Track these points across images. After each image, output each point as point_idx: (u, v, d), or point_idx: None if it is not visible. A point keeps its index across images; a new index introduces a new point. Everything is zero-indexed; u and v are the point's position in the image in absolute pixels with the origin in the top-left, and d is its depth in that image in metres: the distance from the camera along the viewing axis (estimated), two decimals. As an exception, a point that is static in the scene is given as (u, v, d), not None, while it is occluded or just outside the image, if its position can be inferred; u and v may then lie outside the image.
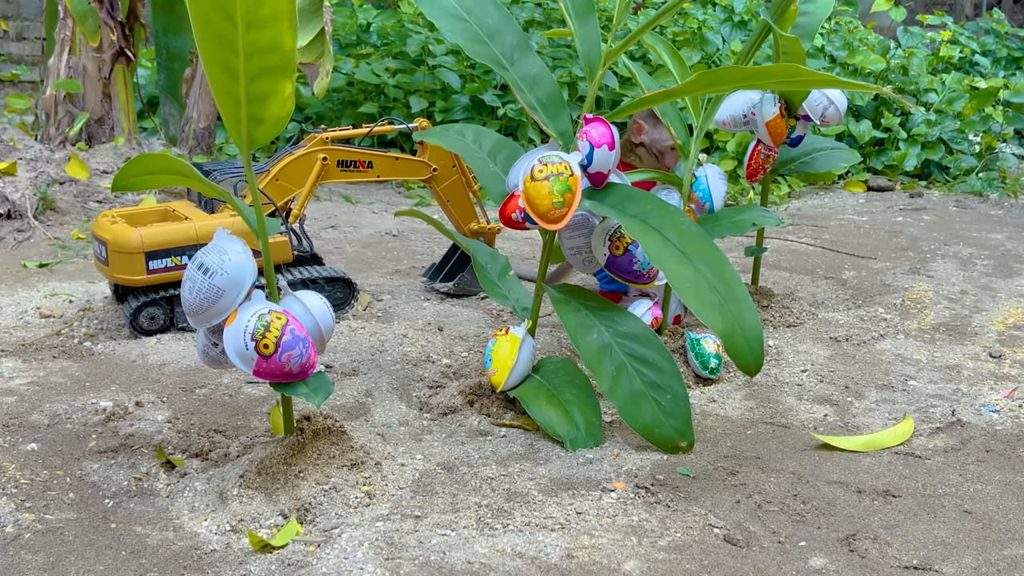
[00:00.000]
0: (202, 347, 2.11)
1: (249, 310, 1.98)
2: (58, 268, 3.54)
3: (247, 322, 1.96)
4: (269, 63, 1.83)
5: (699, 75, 2.23)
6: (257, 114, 1.89)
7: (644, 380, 2.34)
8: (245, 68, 1.82)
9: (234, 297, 1.98)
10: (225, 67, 1.82)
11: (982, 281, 3.70)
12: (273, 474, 2.06)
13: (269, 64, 1.83)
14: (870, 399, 2.68)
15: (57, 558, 1.84)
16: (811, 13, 3.12)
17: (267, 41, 1.80)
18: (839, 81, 2.16)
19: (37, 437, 2.29)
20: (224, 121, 1.92)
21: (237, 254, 1.98)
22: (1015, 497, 2.16)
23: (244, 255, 1.99)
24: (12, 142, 4.35)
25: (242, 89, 1.85)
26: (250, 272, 2.00)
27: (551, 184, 2.25)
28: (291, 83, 1.88)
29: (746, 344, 2.16)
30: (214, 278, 1.97)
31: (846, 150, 3.39)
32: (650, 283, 2.56)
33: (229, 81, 1.84)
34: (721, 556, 1.91)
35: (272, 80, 1.86)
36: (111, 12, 4.63)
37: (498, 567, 1.84)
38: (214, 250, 1.99)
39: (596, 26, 2.47)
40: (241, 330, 1.96)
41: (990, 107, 5.77)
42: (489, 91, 5.43)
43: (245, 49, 1.80)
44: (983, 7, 8.72)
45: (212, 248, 2.00)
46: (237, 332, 1.97)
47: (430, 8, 2.48)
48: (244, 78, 1.84)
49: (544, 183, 2.25)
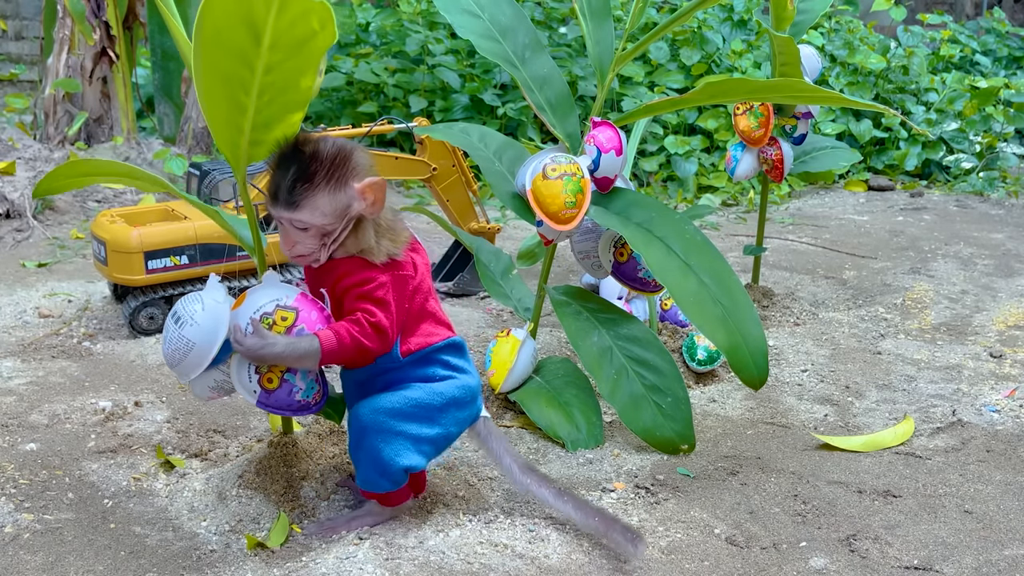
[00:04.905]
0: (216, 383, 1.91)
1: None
2: (57, 268, 3.53)
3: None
4: (282, 99, 1.73)
5: (706, 85, 2.22)
6: (259, 138, 1.79)
7: (644, 383, 2.33)
8: (256, 104, 1.72)
9: (207, 350, 1.78)
10: (233, 103, 1.72)
11: (983, 281, 3.69)
12: (272, 474, 2.06)
13: (281, 100, 1.73)
14: (870, 399, 2.68)
15: (56, 558, 1.83)
16: (808, 11, 3.11)
17: (284, 83, 1.71)
18: (842, 99, 2.12)
19: (36, 437, 2.29)
20: (216, 140, 1.81)
21: (212, 304, 1.79)
22: (1016, 497, 2.16)
23: (220, 305, 1.80)
24: (11, 141, 4.35)
25: (248, 121, 1.75)
26: (224, 325, 1.79)
27: (564, 183, 2.21)
28: (302, 113, 1.78)
29: (750, 358, 2.15)
30: (184, 328, 1.78)
31: (846, 149, 3.39)
32: (656, 291, 2.54)
33: (233, 112, 1.73)
34: (721, 556, 1.91)
35: (282, 112, 1.76)
36: (96, 11, 4.62)
37: (498, 567, 1.84)
38: (191, 299, 1.81)
39: (611, 28, 2.46)
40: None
41: (991, 106, 5.77)
42: (489, 90, 5.43)
43: (259, 89, 1.70)
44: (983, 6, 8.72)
45: (190, 297, 1.82)
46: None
47: (444, 3, 2.47)
48: (252, 112, 1.74)
49: (557, 182, 2.22)
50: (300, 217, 1.72)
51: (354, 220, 1.76)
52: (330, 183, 1.72)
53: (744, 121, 3.11)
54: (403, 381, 1.85)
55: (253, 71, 1.67)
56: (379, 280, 1.77)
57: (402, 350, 1.83)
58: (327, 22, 1.63)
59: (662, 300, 2.99)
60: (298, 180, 1.71)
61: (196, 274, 2.90)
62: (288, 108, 1.75)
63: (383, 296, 1.76)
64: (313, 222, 1.72)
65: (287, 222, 1.74)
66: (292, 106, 1.75)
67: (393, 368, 1.84)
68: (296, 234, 1.75)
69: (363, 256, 1.78)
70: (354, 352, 1.75)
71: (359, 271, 1.77)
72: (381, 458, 1.82)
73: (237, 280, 2.98)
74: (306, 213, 1.72)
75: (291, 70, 1.69)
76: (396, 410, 1.82)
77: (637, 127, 3.42)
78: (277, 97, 1.72)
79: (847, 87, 5.74)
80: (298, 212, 1.72)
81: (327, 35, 1.64)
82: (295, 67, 1.69)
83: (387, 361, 1.83)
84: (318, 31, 1.64)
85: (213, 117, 1.76)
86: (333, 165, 1.73)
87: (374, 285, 1.76)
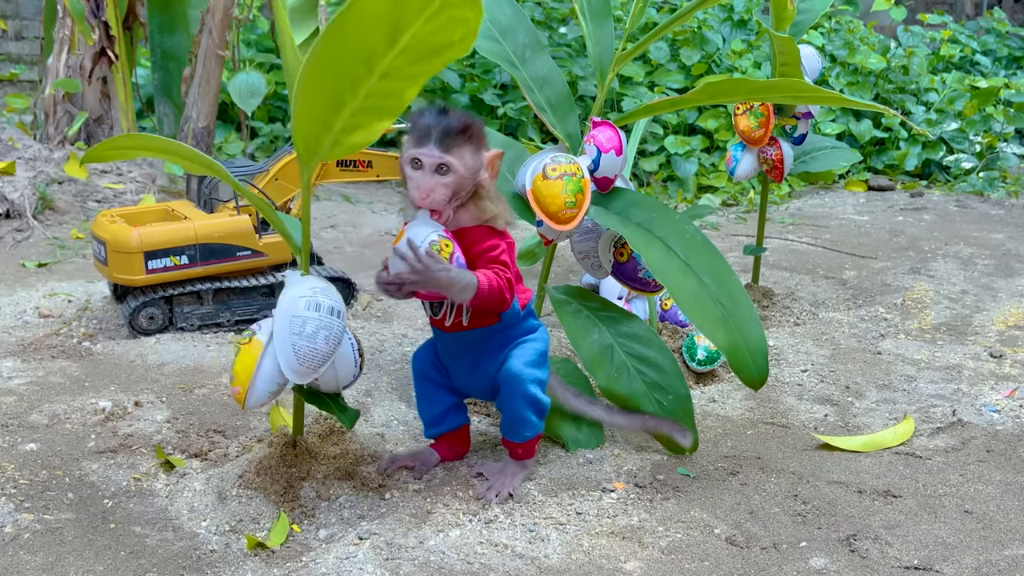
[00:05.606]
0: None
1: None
2: (57, 268, 3.53)
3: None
4: (382, 105, 1.71)
5: (706, 85, 2.22)
6: (340, 140, 1.78)
7: (645, 380, 2.33)
8: (356, 106, 1.70)
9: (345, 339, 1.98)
10: (333, 101, 1.69)
11: (983, 281, 3.69)
12: (272, 474, 2.06)
13: (380, 106, 1.71)
14: (870, 399, 2.68)
15: (56, 558, 1.83)
16: (808, 11, 3.12)
17: (392, 91, 1.67)
18: (842, 99, 2.12)
19: (36, 437, 2.29)
20: (296, 130, 1.77)
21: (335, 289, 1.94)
22: (1016, 497, 2.16)
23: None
24: (11, 141, 4.35)
25: (341, 121, 1.73)
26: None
27: (564, 183, 2.22)
28: (389, 123, 1.76)
29: (750, 359, 2.15)
30: (342, 317, 1.91)
31: (846, 149, 3.39)
32: (656, 291, 2.54)
33: (329, 112, 1.71)
34: (721, 556, 1.91)
35: (375, 118, 1.74)
36: (95, 11, 4.62)
37: (498, 567, 1.84)
38: (325, 291, 1.91)
39: (611, 28, 2.46)
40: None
41: (991, 106, 5.77)
42: (489, 90, 5.43)
43: (367, 91, 1.67)
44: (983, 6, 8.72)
45: (321, 290, 1.90)
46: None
47: None
48: (348, 113, 1.72)
49: (558, 182, 2.22)
50: (449, 160, 1.91)
51: (475, 186, 1.98)
52: (473, 141, 1.94)
53: (744, 121, 3.11)
54: (514, 337, 2.11)
55: (371, 72, 1.63)
56: (502, 246, 2.02)
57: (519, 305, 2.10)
58: (469, 35, 1.56)
59: (662, 300, 3.00)
60: (453, 128, 1.91)
61: (196, 274, 2.90)
62: (381, 115, 1.73)
63: (506, 259, 2.02)
64: (457, 169, 1.92)
65: (431, 167, 1.91)
66: (386, 114, 1.73)
67: (511, 324, 2.09)
68: (434, 181, 1.92)
69: (489, 224, 2.02)
70: (496, 297, 1.98)
71: (487, 238, 2.01)
72: (538, 400, 2.09)
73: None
74: (455, 158, 1.91)
75: (407, 78, 1.65)
76: (533, 361, 2.09)
77: (637, 127, 3.42)
78: (379, 102, 1.70)
79: (847, 87, 5.74)
80: (448, 155, 1.91)
81: (462, 47, 1.58)
82: (412, 75, 1.65)
83: (510, 317, 2.08)
84: (455, 42, 1.58)
85: (304, 109, 1.72)
86: (476, 127, 1.97)
87: (499, 251, 2.01)
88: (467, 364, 2.12)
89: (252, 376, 1.91)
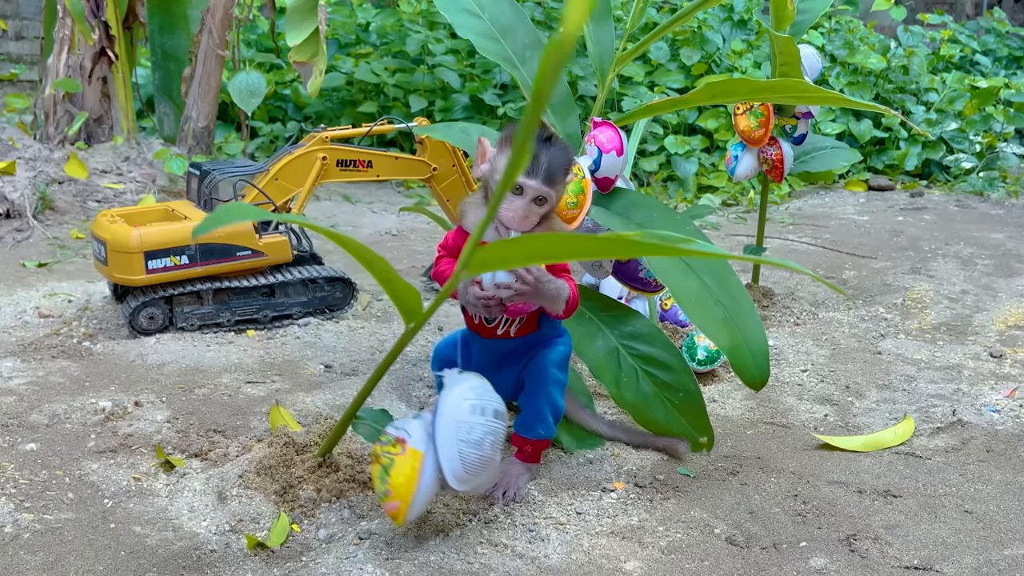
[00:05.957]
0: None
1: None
2: (57, 268, 3.53)
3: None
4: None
5: (706, 85, 2.22)
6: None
7: (655, 381, 2.31)
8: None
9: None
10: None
11: (983, 281, 3.69)
12: (273, 474, 2.06)
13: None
14: (870, 399, 2.68)
15: (56, 558, 1.83)
16: (808, 11, 3.12)
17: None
18: (842, 99, 2.12)
19: (36, 437, 2.29)
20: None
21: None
22: (1016, 497, 2.16)
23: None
24: (11, 141, 4.35)
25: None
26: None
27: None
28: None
29: (752, 359, 2.14)
30: (505, 420, 1.87)
31: (847, 149, 3.39)
32: (657, 291, 2.53)
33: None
34: (721, 556, 1.91)
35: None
36: (95, 11, 4.62)
37: (498, 567, 1.84)
38: (487, 391, 1.86)
39: (611, 28, 2.46)
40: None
41: (991, 106, 5.77)
42: (489, 90, 5.43)
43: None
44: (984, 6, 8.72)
45: (481, 390, 1.85)
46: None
47: (444, 3, 2.47)
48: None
49: None
50: (551, 193, 1.97)
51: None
52: (568, 174, 2.02)
53: (744, 121, 3.11)
54: (546, 341, 2.17)
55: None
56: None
57: None
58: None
59: (662, 300, 2.99)
60: (562, 165, 1.98)
61: (196, 274, 2.90)
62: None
63: (570, 269, 2.11)
64: (554, 201, 2.00)
65: (532, 196, 1.96)
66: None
67: (549, 331, 2.17)
68: (531, 210, 1.98)
69: None
70: (574, 305, 2.06)
71: None
72: (556, 402, 2.14)
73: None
74: (555, 192, 1.99)
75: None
76: (558, 362, 2.14)
77: (637, 127, 3.42)
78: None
79: (847, 87, 5.74)
80: (552, 188, 1.97)
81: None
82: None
83: (552, 325, 2.17)
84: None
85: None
86: (574, 161, 2.06)
87: (565, 263, 2.08)
88: (497, 364, 2.15)
89: (415, 490, 1.77)
